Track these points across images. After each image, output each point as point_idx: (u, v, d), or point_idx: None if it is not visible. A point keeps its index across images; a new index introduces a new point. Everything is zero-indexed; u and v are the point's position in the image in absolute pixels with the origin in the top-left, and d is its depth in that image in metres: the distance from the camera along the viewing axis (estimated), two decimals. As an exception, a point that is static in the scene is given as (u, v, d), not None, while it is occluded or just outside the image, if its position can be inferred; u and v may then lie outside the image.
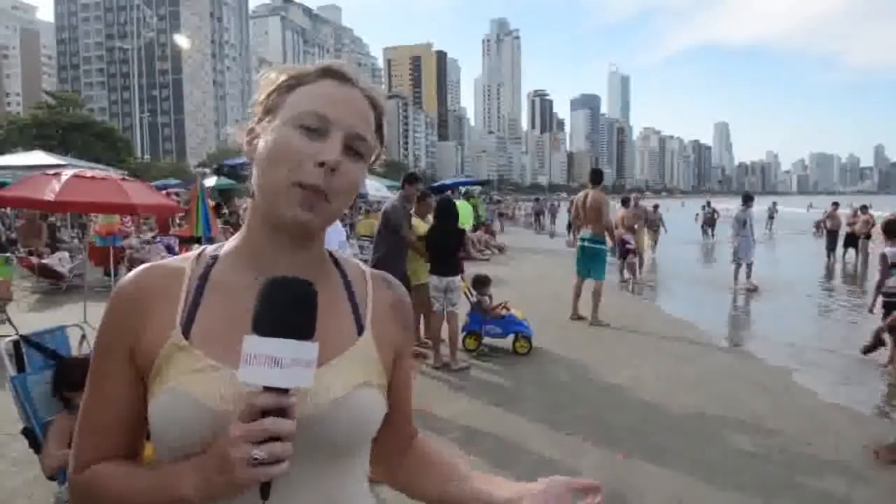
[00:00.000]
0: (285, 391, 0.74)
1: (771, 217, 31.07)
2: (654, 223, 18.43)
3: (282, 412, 0.73)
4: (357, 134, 0.88)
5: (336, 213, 0.89)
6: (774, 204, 33.23)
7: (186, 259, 0.95)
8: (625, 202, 14.80)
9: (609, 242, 8.69)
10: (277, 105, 0.90)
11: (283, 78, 0.91)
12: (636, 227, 14.50)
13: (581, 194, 8.79)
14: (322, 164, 0.83)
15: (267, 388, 0.73)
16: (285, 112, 0.88)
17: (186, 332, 0.86)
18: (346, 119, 0.87)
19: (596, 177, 8.78)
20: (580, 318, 8.53)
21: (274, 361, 0.73)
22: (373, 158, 0.96)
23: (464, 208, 8.65)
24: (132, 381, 0.88)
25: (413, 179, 6.86)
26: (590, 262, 8.49)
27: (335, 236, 5.84)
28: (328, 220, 0.88)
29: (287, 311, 0.75)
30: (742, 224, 11.94)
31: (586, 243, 8.55)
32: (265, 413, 0.73)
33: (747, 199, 12.51)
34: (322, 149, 0.84)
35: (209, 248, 0.97)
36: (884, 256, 6.47)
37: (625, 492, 3.75)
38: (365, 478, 0.98)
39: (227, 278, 0.90)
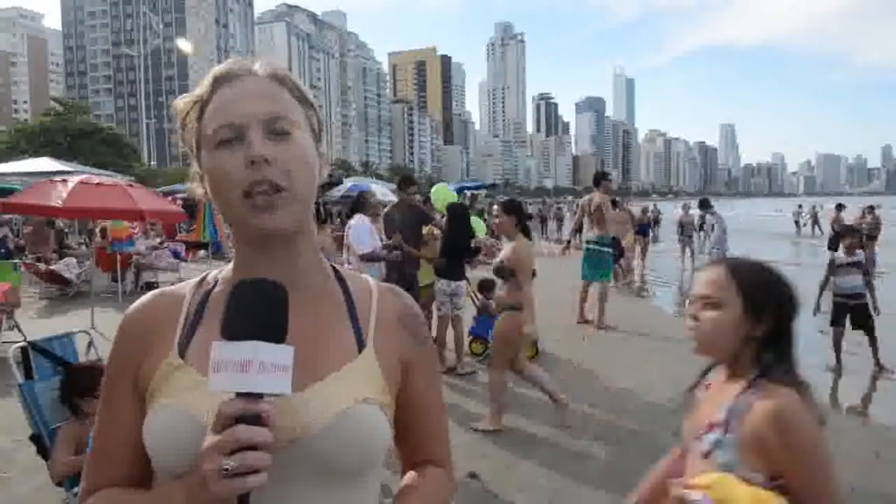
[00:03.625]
0: (258, 396, 0.71)
1: (797, 222, 29.29)
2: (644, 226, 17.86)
3: (256, 419, 0.70)
4: (270, 117, 0.85)
5: (302, 198, 0.86)
6: (800, 206, 31.01)
7: (189, 284, 0.96)
8: (614, 204, 14.67)
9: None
10: (200, 137, 0.89)
11: (188, 110, 0.91)
12: (628, 228, 14.31)
13: (586, 197, 8.83)
14: (253, 163, 0.81)
15: (240, 395, 0.70)
16: (204, 140, 0.87)
17: (183, 353, 0.87)
18: (250, 112, 0.84)
19: (596, 180, 8.81)
20: (586, 321, 8.50)
21: (241, 365, 0.69)
22: (317, 126, 0.94)
23: (442, 190, 8.31)
24: (137, 408, 0.88)
25: (403, 184, 6.74)
26: (594, 264, 8.48)
27: (367, 239, 5.77)
28: (298, 210, 0.86)
29: (253, 312, 0.73)
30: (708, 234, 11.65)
31: (591, 245, 8.55)
32: (239, 420, 0.70)
33: (706, 205, 12.40)
34: (245, 150, 0.82)
35: (212, 274, 0.98)
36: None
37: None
38: (374, 499, 0.92)
39: (222, 299, 0.87)
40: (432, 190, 8.23)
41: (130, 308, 0.94)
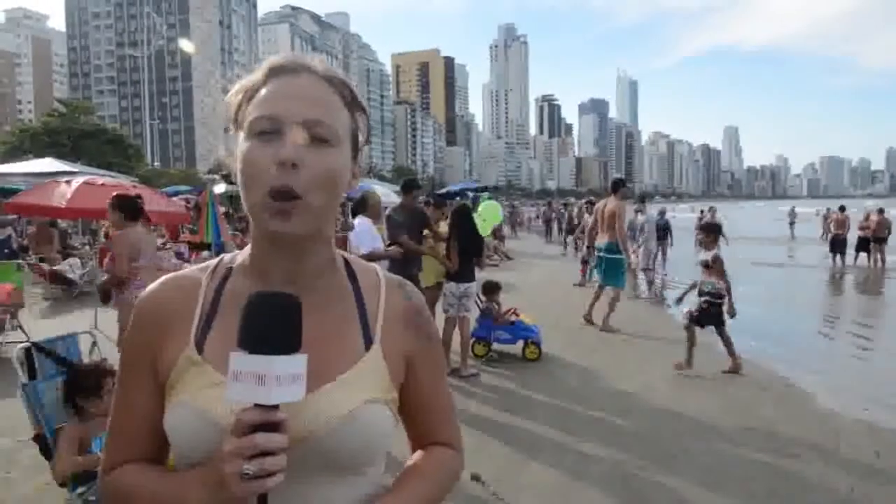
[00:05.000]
0: (274, 406, 0.74)
1: (792, 224, 30.14)
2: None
3: (273, 426, 0.74)
4: (312, 120, 0.85)
5: (320, 210, 0.86)
6: (793, 209, 32.08)
7: (205, 270, 0.97)
8: (591, 204, 14.39)
9: (626, 254, 8.54)
10: (242, 121, 0.89)
11: (240, 94, 0.92)
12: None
13: (601, 203, 8.77)
14: (282, 164, 0.82)
15: (256, 404, 0.74)
16: (245, 125, 0.87)
17: (200, 347, 0.88)
18: (295, 109, 0.85)
19: (614, 185, 8.78)
20: (590, 322, 8.47)
21: (258, 378, 0.73)
22: (363, 134, 0.95)
23: (493, 209, 8.16)
24: (154, 392, 0.91)
25: (408, 187, 6.68)
26: (606, 270, 8.43)
27: (368, 241, 5.78)
28: (313, 221, 0.86)
29: (268, 326, 0.75)
30: (640, 230, 11.35)
31: (602, 253, 8.51)
32: (256, 428, 0.73)
33: (642, 201, 12.12)
34: (278, 148, 0.83)
35: (226, 258, 0.99)
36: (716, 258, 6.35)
37: (635, 499, 3.73)
38: (375, 493, 0.95)
39: (238, 292, 0.90)
40: (482, 207, 7.86)
41: (144, 294, 0.95)
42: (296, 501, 0.85)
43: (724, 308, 6.21)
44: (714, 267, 6.28)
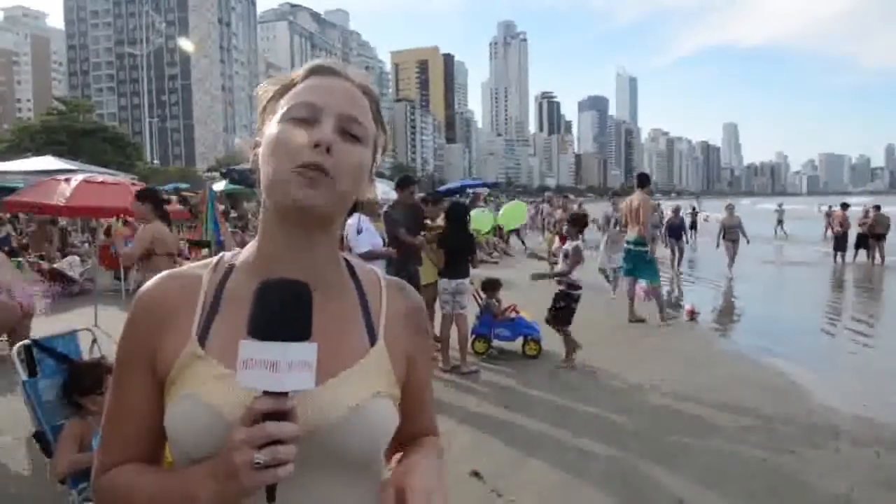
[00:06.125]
0: (285, 394, 0.73)
1: (780, 221, 29.65)
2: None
3: (283, 415, 0.73)
4: (349, 115, 0.89)
5: (342, 195, 0.88)
6: (780, 205, 30.95)
7: (205, 266, 0.96)
8: (551, 201, 14.08)
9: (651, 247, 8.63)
10: (273, 111, 0.92)
11: (275, 87, 0.94)
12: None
13: (629, 198, 8.92)
14: (317, 145, 0.84)
15: (267, 392, 0.73)
16: (279, 112, 0.90)
17: (203, 342, 0.87)
18: (334, 103, 0.88)
19: (641, 180, 8.89)
20: (640, 320, 8.54)
21: (270, 365, 0.72)
22: (380, 149, 0.98)
23: (520, 209, 8.07)
24: (152, 390, 0.89)
25: (404, 183, 6.69)
26: (636, 265, 8.59)
27: (368, 239, 5.79)
28: (336, 201, 0.88)
29: (281, 313, 0.74)
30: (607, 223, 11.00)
31: (630, 246, 8.68)
32: (266, 417, 0.73)
33: (615, 196, 11.81)
34: (315, 132, 0.86)
35: (227, 256, 0.98)
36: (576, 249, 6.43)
37: (634, 497, 3.73)
38: (378, 488, 0.96)
39: (242, 287, 0.89)
40: (504, 209, 7.86)
41: (144, 289, 0.93)
42: (301, 496, 0.84)
43: (574, 305, 6.46)
44: (571, 257, 6.39)
